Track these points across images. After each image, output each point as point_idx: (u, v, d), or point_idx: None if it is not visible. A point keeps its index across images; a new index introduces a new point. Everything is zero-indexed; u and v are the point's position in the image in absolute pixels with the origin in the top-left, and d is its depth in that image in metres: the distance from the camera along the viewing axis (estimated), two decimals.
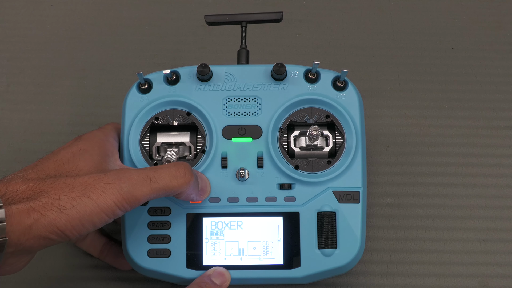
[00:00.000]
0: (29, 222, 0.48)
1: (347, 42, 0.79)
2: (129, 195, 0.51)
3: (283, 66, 0.61)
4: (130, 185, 0.51)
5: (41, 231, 0.48)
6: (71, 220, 0.49)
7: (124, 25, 0.80)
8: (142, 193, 0.52)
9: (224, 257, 0.59)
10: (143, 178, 0.52)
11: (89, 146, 0.58)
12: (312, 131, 0.60)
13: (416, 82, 0.76)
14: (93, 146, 0.58)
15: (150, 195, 0.52)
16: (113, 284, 0.67)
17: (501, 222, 0.70)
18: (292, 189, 0.60)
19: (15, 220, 0.47)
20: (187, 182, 0.54)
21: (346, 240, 0.59)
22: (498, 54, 0.78)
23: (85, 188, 0.50)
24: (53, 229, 0.48)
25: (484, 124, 0.74)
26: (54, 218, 0.48)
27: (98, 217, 0.50)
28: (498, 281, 0.67)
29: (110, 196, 0.50)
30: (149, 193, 0.52)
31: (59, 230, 0.49)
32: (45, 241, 0.49)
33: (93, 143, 0.59)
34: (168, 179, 0.53)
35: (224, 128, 0.62)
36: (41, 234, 0.48)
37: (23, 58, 0.78)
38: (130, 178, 0.52)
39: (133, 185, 0.51)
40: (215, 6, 0.81)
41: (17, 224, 0.47)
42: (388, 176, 0.71)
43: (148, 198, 0.52)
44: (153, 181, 0.53)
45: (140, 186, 0.52)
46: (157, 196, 0.53)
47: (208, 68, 0.61)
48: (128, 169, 0.53)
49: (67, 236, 0.49)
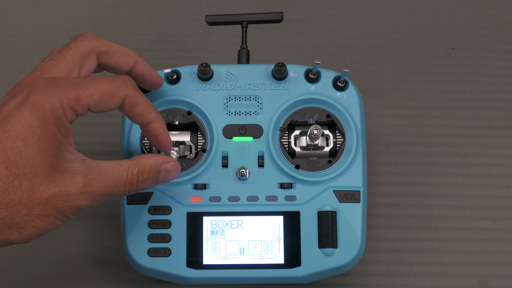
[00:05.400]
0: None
1: (347, 42, 0.79)
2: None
3: (284, 66, 0.61)
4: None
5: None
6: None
7: (124, 25, 0.80)
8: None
9: (224, 256, 0.59)
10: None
11: (42, 129, 0.47)
12: (313, 131, 0.60)
13: (416, 82, 0.76)
14: (46, 129, 0.47)
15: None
16: (113, 284, 0.67)
17: (501, 222, 0.70)
18: (293, 188, 0.60)
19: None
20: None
21: (346, 239, 0.59)
22: (498, 54, 0.78)
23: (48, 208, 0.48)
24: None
25: (484, 124, 0.74)
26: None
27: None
28: (498, 281, 0.67)
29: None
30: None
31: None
32: None
33: (47, 122, 0.47)
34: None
35: (224, 128, 0.62)
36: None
37: (23, 58, 0.78)
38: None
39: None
40: (215, 6, 0.81)
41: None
42: (388, 176, 0.72)
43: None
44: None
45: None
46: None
47: (209, 67, 0.61)
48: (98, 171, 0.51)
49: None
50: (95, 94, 0.50)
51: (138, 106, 0.53)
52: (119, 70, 0.56)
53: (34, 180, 0.47)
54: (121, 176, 0.51)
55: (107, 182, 0.50)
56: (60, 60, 0.52)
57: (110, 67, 0.56)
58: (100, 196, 0.50)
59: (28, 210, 0.47)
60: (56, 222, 0.49)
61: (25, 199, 0.47)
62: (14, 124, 0.46)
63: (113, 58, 0.55)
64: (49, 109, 0.47)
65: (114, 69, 0.56)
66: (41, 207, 0.47)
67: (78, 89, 0.49)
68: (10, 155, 0.46)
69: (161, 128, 0.55)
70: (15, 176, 0.46)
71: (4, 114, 0.47)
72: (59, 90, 0.48)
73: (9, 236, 0.47)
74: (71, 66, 0.52)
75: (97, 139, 0.73)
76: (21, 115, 0.47)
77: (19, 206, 0.47)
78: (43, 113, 0.47)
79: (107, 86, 0.51)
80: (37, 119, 0.47)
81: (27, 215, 0.47)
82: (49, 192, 0.47)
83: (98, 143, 0.73)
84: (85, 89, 0.49)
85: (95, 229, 0.69)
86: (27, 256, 0.68)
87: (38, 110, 0.47)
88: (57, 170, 0.48)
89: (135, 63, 0.56)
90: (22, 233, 0.47)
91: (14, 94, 0.49)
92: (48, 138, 0.47)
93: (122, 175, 0.52)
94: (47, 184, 0.47)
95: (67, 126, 0.49)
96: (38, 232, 0.48)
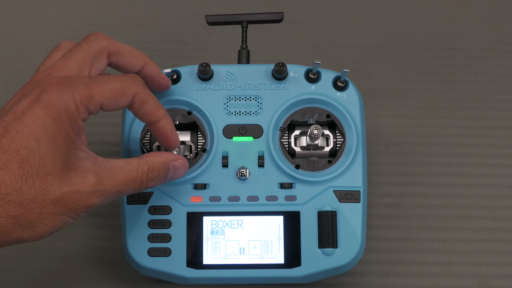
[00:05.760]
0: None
1: (347, 42, 0.79)
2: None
3: (284, 66, 0.61)
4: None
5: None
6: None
7: (124, 25, 0.80)
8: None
9: (224, 256, 0.59)
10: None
11: (55, 128, 0.48)
12: (313, 130, 0.60)
13: (416, 82, 0.76)
14: (59, 127, 0.48)
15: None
16: (113, 284, 0.67)
17: (501, 222, 0.70)
18: (293, 188, 0.60)
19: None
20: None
21: (346, 239, 0.59)
22: (498, 54, 0.78)
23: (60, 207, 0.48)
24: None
25: (484, 124, 0.74)
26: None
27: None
28: (498, 281, 0.67)
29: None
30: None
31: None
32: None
33: (60, 121, 0.48)
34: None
35: (225, 127, 0.62)
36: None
37: (23, 58, 0.78)
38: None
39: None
40: (215, 6, 0.81)
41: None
42: (388, 176, 0.72)
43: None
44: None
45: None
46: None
47: (209, 67, 0.61)
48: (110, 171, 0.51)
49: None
50: (106, 92, 0.50)
51: (147, 103, 0.54)
52: (128, 71, 0.56)
53: (47, 179, 0.47)
54: (131, 174, 0.52)
55: (118, 180, 0.51)
56: (72, 59, 0.53)
57: (120, 67, 0.56)
58: (111, 194, 0.50)
59: (41, 209, 0.47)
60: (67, 220, 0.49)
61: (38, 198, 0.47)
62: (28, 123, 0.47)
63: (123, 58, 0.56)
64: (62, 107, 0.48)
65: (124, 69, 0.56)
66: (53, 206, 0.48)
67: (90, 87, 0.50)
68: (24, 154, 0.46)
69: (169, 126, 0.56)
70: (28, 175, 0.46)
71: (17, 113, 0.47)
72: (72, 88, 0.49)
73: (22, 234, 0.47)
74: (83, 65, 0.53)
75: (97, 139, 0.73)
76: (35, 114, 0.47)
77: (32, 205, 0.47)
78: (56, 111, 0.47)
79: (118, 84, 0.51)
80: (50, 118, 0.47)
81: (40, 213, 0.47)
82: (62, 190, 0.48)
83: (98, 143, 0.73)
84: (97, 87, 0.50)
85: (95, 229, 0.69)
86: (27, 256, 0.68)
87: (51, 109, 0.47)
88: (69, 168, 0.48)
89: (145, 64, 0.57)
90: (34, 231, 0.48)
91: (26, 93, 0.49)
92: (61, 137, 0.48)
93: (133, 173, 0.52)
94: (59, 183, 0.47)
95: (80, 125, 0.49)
96: (50, 230, 0.48)
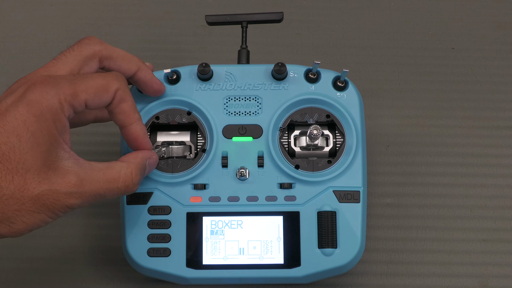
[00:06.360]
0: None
1: (347, 42, 0.79)
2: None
3: (284, 66, 0.61)
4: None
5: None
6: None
7: (124, 25, 0.80)
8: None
9: (224, 256, 0.59)
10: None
11: (37, 125, 0.48)
12: (313, 131, 0.60)
13: (416, 82, 0.76)
14: (42, 125, 0.48)
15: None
16: (113, 284, 0.67)
17: (501, 222, 0.70)
18: (293, 188, 0.60)
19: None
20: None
21: (346, 239, 0.59)
22: (498, 54, 0.78)
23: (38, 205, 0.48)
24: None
25: (484, 124, 0.74)
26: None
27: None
28: (498, 281, 0.67)
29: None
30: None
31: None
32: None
33: (43, 118, 0.48)
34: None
35: (224, 128, 0.62)
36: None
37: (23, 58, 0.78)
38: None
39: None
40: (215, 6, 0.81)
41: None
42: (388, 176, 0.72)
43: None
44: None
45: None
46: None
47: (208, 67, 0.61)
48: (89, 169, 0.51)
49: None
50: (90, 89, 0.51)
51: (125, 102, 0.54)
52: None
53: (26, 175, 0.47)
54: (112, 178, 0.52)
55: (98, 183, 0.51)
56: (61, 60, 0.53)
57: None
58: (90, 196, 0.50)
59: (19, 206, 0.47)
60: (46, 219, 0.49)
61: (17, 194, 0.47)
62: (10, 119, 0.47)
63: (116, 63, 0.56)
64: (45, 105, 0.48)
65: None
66: (32, 203, 0.48)
67: (74, 84, 0.50)
68: (4, 149, 0.47)
69: (142, 132, 0.56)
70: (8, 170, 0.47)
71: (1, 110, 0.48)
72: (56, 86, 0.49)
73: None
74: (72, 66, 0.53)
75: (97, 139, 0.73)
76: (17, 111, 0.47)
77: (11, 201, 0.47)
78: (39, 109, 0.48)
79: (101, 81, 0.52)
80: (33, 115, 0.47)
81: (18, 210, 0.47)
82: (40, 189, 0.48)
83: (98, 143, 0.73)
84: (81, 84, 0.50)
85: (95, 229, 0.69)
86: (27, 256, 0.68)
87: (33, 107, 0.48)
88: (49, 167, 0.48)
89: (138, 69, 0.57)
90: (12, 227, 0.48)
91: (12, 90, 0.50)
92: (42, 134, 0.48)
93: (114, 176, 0.52)
94: (38, 180, 0.48)
95: (64, 122, 0.49)
96: (28, 228, 0.49)
